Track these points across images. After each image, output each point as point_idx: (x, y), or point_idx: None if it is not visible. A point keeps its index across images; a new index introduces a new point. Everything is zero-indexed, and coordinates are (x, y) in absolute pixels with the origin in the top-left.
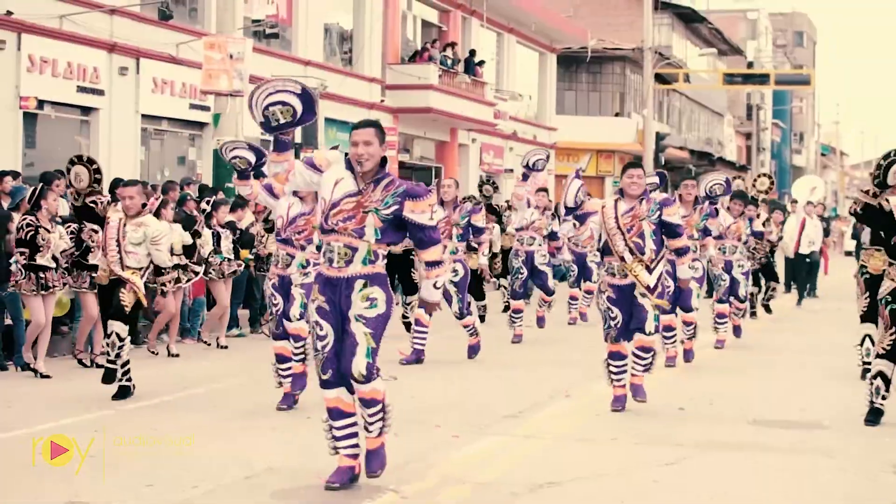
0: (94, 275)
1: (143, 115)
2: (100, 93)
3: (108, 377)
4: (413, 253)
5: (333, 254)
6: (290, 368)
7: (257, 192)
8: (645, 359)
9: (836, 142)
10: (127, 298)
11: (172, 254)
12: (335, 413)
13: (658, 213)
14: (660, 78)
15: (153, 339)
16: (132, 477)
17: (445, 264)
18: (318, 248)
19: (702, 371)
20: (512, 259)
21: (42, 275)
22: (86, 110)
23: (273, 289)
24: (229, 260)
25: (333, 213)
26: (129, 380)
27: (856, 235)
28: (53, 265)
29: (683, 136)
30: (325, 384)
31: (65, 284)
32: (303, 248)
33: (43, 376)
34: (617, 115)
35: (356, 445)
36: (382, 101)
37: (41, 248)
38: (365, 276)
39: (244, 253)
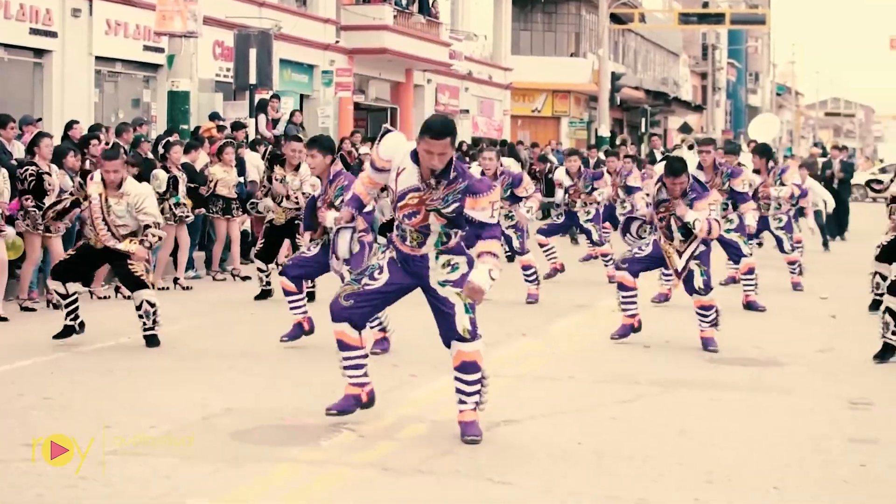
0: (45, 214)
1: (97, 57)
2: (52, 35)
3: (153, 341)
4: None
5: (406, 234)
6: (297, 301)
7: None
8: (708, 315)
9: (791, 82)
10: (138, 268)
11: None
12: (341, 344)
13: (690, 205)
14: (615, 18)
15: (98, 283)
16: (89, 418)
17: (500, 258)
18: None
19: (663, 311)
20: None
21: None
22: (39, 52)
23: (315, 244)
24: (184, 205)
25: (400, 205)
26: (74, 319)
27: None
28: None
29: (639, 77)
30: (337, 314)
31: (16, 220)
32: None
33: (1, 319)
34: (572, 55)
35: (363, 376)
36: (337, 41)
37: None
38: (439, 252)
39: (190, 203)
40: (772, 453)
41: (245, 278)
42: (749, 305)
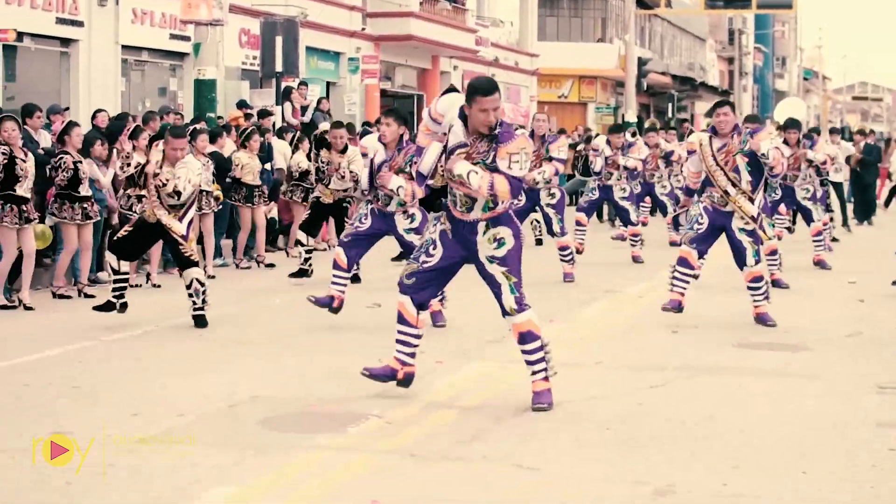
0: (84, 205)
1: (124, 46)
2: (79, 24)
3: (200, 321)
4: (346, 201)
5: (456, 198)
6: (341, 278)
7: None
8: (759, 288)
9: (818, 66)
10: (188, 248)
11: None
12: (399, 316)
13: (749, 144)
14: (642, 3)
15: (133, 270)
16: (117, 407)
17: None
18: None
19: (690, 295)
20: (589, 182)
21: (24, 207)
22: (65, 42)
23: (370, 213)
24: (207, 192)
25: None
26: (119, 298)
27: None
28: (29, 196)
29: (665, 62)
30: (403, 287)
31: (51, 214)
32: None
33: (26, 308)
34: (599, 40)
35: (408, 355)
36: (363, 29)
37: (20, 179)
38: (487, 219)
39: (215, 187)
40: (800, 438)
41: (270, 265)
42: (774, 283)
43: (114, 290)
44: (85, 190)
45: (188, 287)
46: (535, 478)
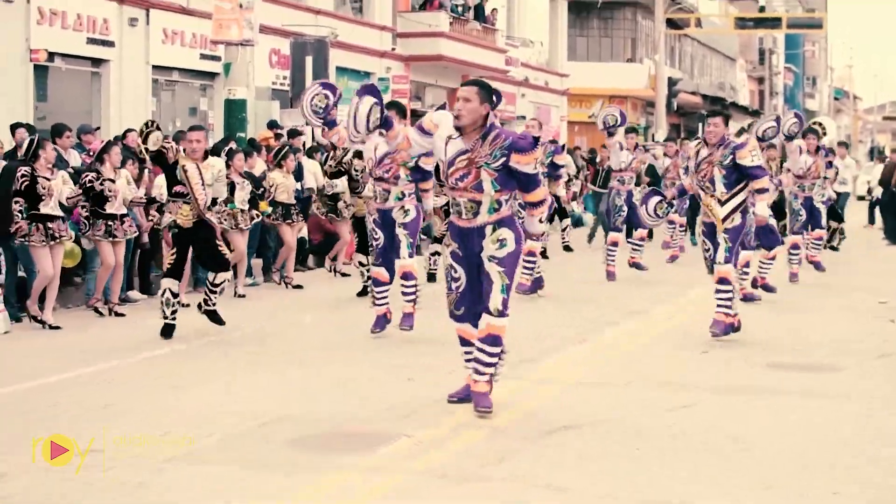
0: (109, 223)
1: (154, 66)
2: (110, 44)
3: (214, 316)
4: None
5: (461, 207)
6: (385, 292)
7: (345, 136)
8: (725, 292)
9: (849, 85)
10: (226, 248)
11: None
12: (462, 340)
13: (731, 157)
14: (671, 23)
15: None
16: (146, 425)
17: (546, 203)
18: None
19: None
20: (614, 198)
21: (50, 225)
22: (96, 62)
23: (374, 224)
24: (243, 211)
25: (451, 171)
26: (175, 318)
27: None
28: (60, 213)
29: (696, 82)
30: (456, 318)
31: (82, 233)
32: (395, 183)
33: (52, 327)
34: (629, 60)
35: None
36: (393, 49)
37: (43, 197)
38: (493, 222)
39: (263, 205)
40: (830, 459)
41: (297, 287)
42: (764, 287)
43: (172, 311)
44: (114, 208)
45: (217, 285)
46: (565, 497)
